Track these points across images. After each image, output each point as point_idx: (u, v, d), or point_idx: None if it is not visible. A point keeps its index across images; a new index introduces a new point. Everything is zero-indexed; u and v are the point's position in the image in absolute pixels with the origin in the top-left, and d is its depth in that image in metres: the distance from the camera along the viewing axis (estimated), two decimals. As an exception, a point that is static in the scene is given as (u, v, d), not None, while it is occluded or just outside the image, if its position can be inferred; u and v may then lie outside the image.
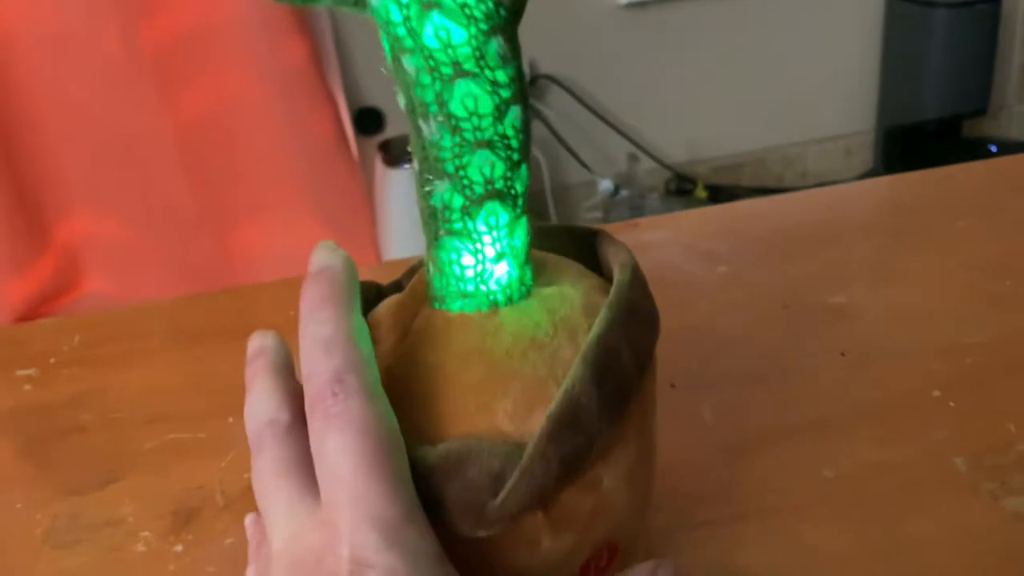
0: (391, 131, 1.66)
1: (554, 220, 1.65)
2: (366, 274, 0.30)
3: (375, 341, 0.26)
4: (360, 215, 1.63)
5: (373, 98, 1.67)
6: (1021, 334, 0.39)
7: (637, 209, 1.67)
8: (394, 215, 1.57)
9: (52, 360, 0.46)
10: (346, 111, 1.64)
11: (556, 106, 1.70)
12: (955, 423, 0.35)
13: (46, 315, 1.64)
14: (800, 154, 1.87)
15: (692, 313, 0.44)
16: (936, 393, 0.36)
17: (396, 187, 1.55)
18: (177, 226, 1.63)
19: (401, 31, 0.22)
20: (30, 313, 1.62)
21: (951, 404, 0.36)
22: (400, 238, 1.57)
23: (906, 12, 1.67)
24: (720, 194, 1.82)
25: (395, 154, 1.57)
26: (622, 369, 0.24)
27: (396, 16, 0.22)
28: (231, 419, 0.40)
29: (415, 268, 0.30)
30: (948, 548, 0.29)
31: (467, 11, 0.22)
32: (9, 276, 1.59)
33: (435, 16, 0.22)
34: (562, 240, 0.30)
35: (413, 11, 0.22)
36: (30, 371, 0.46)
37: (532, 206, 0.26)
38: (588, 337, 0.24)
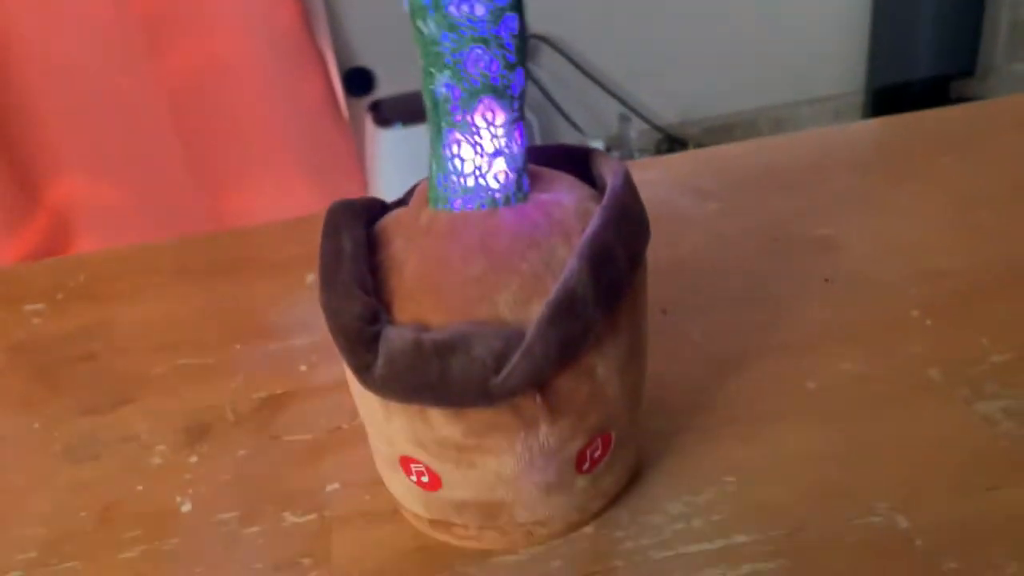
0: (381, 91, 1.66)
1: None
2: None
3: (383, 244, 0.27)
4: (351, 175, 1.63)
5: (363, 58, 1.66)
6: (996, 259, 0.41)
7: (628, 169, 1.67)
8: (385, 175, 1.58)
9: (59, 296, 0.48)
10: (336, 71, 1.63)
11: (547, 67, 1.70)
12: (932, 339, 0.36)
13: (39, 277, 1.64)
14: (790, 115, 1.88)
15: (683, 246, 0.46)
16: (915, 313, 0.38)
17: (387, 147, 1.55)
18: (168, 187, 1.63)
19: None
20: (23, 275, 1.62)
21: (928, 323, 0.37)
22: (391, 197, 1.58)
23: (896, -29, 1.67)
24: (710, 155, 1.83)
25: (386, 114, 1.57)
26: (615, 264, 0.25)
27: None
28: (238, 346, 0.42)
29: (415, 187, 0.32)
30: (922, 447, 0.31)
31: None
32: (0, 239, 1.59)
33: None
34: (558, 158, 0.32)
35: None
36: (38, 306, 0.47)
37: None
38: (584, 235, 0.25)
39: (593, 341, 0.25)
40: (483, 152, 0.26)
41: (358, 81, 1.66)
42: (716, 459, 0.32)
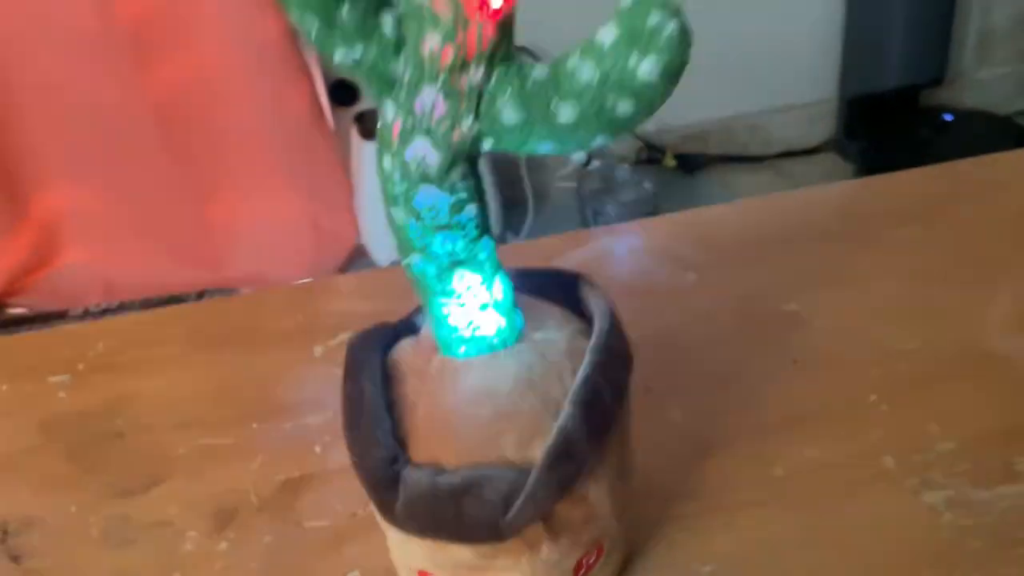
0: (367, 103, 1.68)
1: (528, 190, 1.69)
2: (349, 283, 0.35)
3: (397, 380, 0.31)
4: (337, 185, 1.66)
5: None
6: (949, 342, 0.45)
7: (608, 179, 1.71)
8: (371, 184, 1.60)
9: (81, 366, 0.51)
10: (322, 83, 1.65)
11: (528, 78, 1.73)
12: (887, 425, 0.40)
13: (26, 287, 1.66)
14: (765, 122, 1.92)
15: (665, 320, 0.50)
16: (872, 397, 0.42)
17: (372, 157, 1.57)
18: (155, 198, 1.64)
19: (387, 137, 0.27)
20: (10, 286, 1.64)
21: (884, 408, 0.42)
22: (377, 207, 1.59)
23: (868, -16, 1.72)
24: (688, 162, 1.87)
25: (371, 125, 1.59)
26: (604, 405, 0.29)
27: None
28: (255, 425, 0.45)
29: (421, 310, 0.35)
30: (878, 536, 0.35)
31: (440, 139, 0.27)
32: (-13, 249, 1.60)
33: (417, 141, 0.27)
34: (547, 281, 0.35)
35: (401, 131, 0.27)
36: (62, 377, 0.50)
37: (507, 176, 0.31)
38: (575, 379, 0.29)
39: (586, 472, 0.29)
40: (471, 310, 0.29)
41: (344, 93, 1.68)
42: (698, 548, 0.36)
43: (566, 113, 0.26)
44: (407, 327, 0.35)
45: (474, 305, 0.29)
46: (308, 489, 0.41)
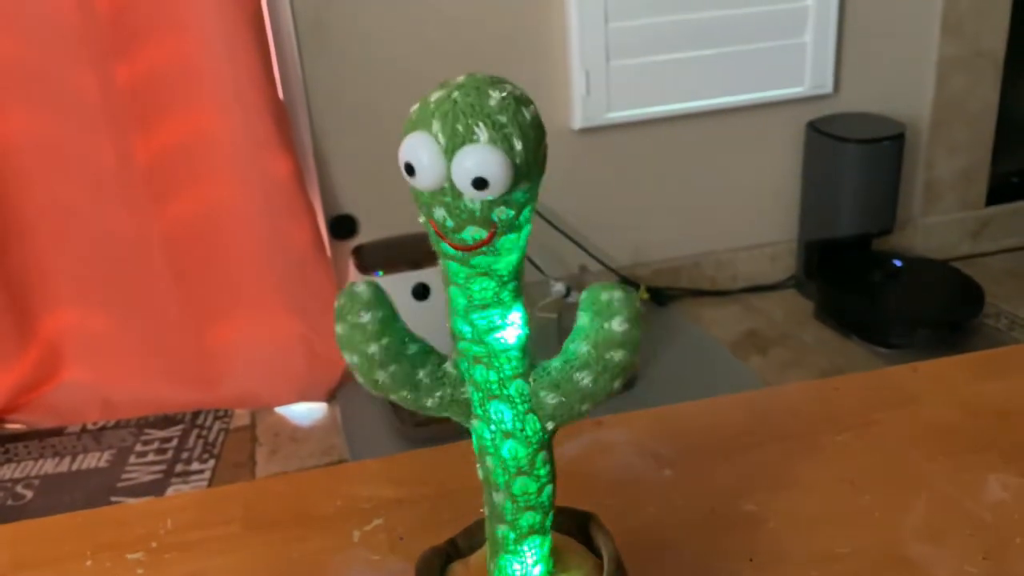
0: (364, 236, 1.81)
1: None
2: (379, 468, 0.45)
3: None
4: (332, 312, 1.76)
5: (348, 206, 1.81)
6: (876, 545, 0.56)
7: (586, 314, 1.83)
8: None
9: (154, 544, 0.60)
10: (322, 217, 1.78)
11: (515, 219, 1.87)
12: (823, 623, 0.51)
13: (26, 404, 1.72)
14: (731, 259, 2.08)
15: (642, 515, 0.60)
16: (813, 597, 0.53)
17: (367, 289, 1.68)
18: (158, 321, 1.73)
19: (488, 444, 0.38)
20: (11, 403, 1.70)
21: (822, 607, 0.52)
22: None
23: (822, 144, 1.90)
24: (660, 295, 2.01)
25: (367, 260, 1.70)
26: None
27: (487, 436, 0.38)
28: (309, 605, 0.54)
29: (471, 532, 0.45)
30: None
31: (527, 439, 0.38)
32: (-6, 367, 1.67)
33: (510, 441, 0.38)
34: (565, 516, 0.46)
35: (498, 436, 0.38)
36: (138, 555, 0.59)
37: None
38: None
39: None
40: (528, 567, 0.40)
41: (342, 227, 1.81)
42: None
43: (585, 379, 0.37)
44: (455, 548, 0.45)
45: (531, 561, 0.40)
46: (358, 669, 0.50)
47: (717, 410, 0.72)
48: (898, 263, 1.97)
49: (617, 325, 0.36)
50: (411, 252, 1.63)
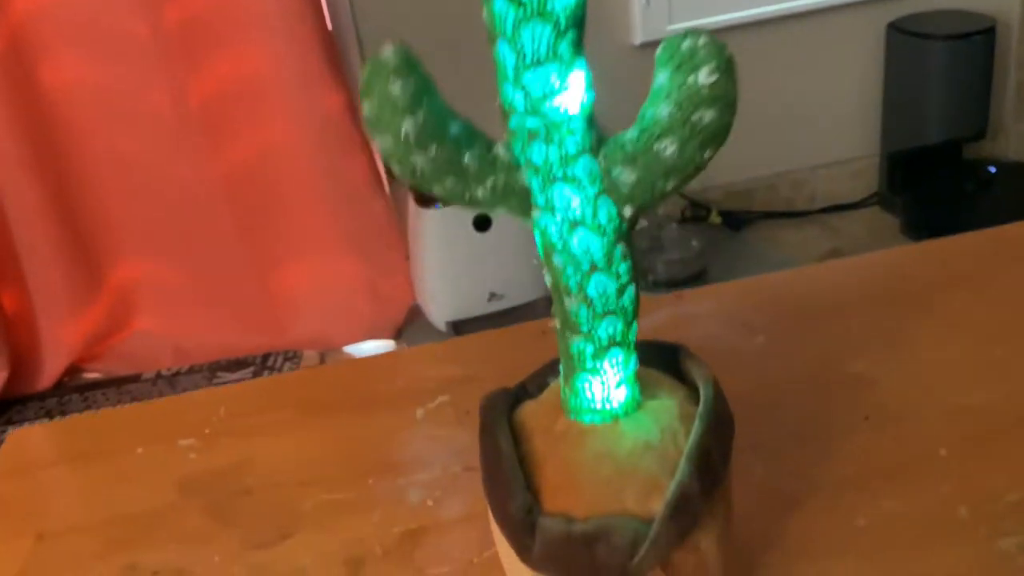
0: (422, 171, 1.75)
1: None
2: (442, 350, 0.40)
3: (524, 438, 0.36)
4: (395, 253, 1.73)
5: (404, 140, 1.76)
6: (1012, 397, 0.49)
7: (656, 239, 1.76)
8: (427, 251, 1.67)
9: (207, 431, 0.56)
10: (379, 155, 1.73)
11: (577, 143, 1.79)
12: (957, 478, 0.44)
13: (101, 353, 1.74)
14: (808, 178, 1.96)
15: (738, 381, 0.53)
16: (942, 452, 0.46)
17: (428, 225, 1.64)
18: (222, 267, 1.72)
19: (555, 238, 0.32)
20: (87, 352, 1.72)
21: (954, 462, 0.45)
22: (432, 273, 1.67)
23: (905, 45, 1.76)
24: (734, 219, 1.91)
25: (426, 195, 1.65)
26: (714, 464, 0.33)
27: (552, 229, 0.32)
28: (371, 481, 0.50)
29: (541, 374, 0.40)
30: (954, 580, 0.39)
31: (601, 228, 0.32)
32: (66, 318, 1.69)
33: (580, 230, 0.32)
34: (650, 351, 0.40)
35: (565, 227, 0.32)
36: (191, 440, 0.55)
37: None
38: (688, 441, 0.33)
39: (699, 523, 0.33)
40: (609, 387, 0.34)
41: (399, 162, 1.75)
42: (787, 593, 0.39)
43: (669, 148, 0.30)
44: (523, 391, 0.40)
45: (614, 382, 0.34)
46: (426, 539, 0.45)
47: (811, 278, 0.65)
48: (992, 170, 1.83)
49: (704, 77, 0.30)
50: (471, 180, 1.58)
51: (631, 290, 0.33)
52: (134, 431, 0.57)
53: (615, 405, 0.35)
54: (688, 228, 1.85)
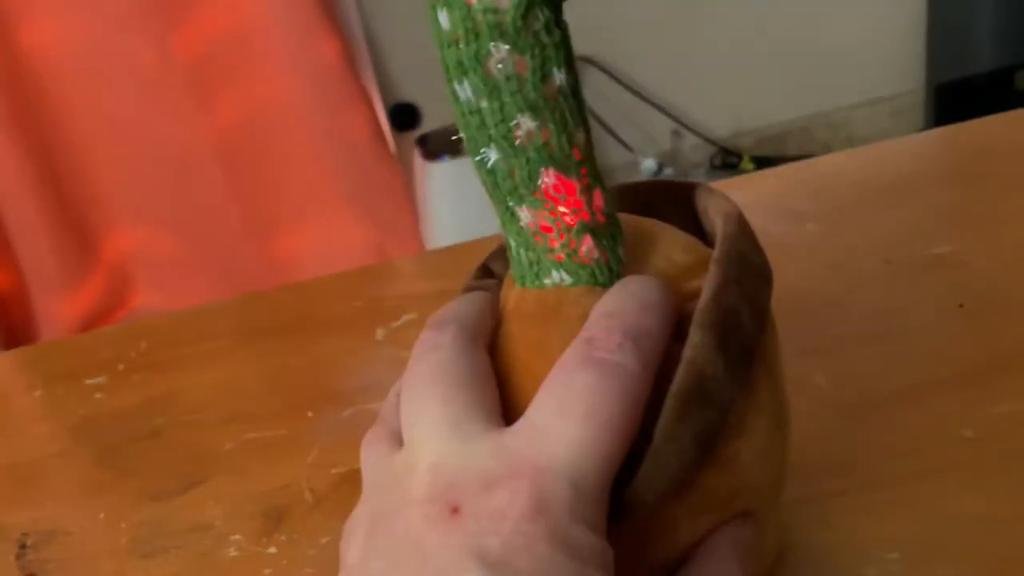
0: (428, 125, 1.64)
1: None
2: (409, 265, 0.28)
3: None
4: (402, 210, 1.61)
5: (408, 94, 1.65)
6: None
7: (683, 186, 1.63)
8: (436, 207, 1.56)
9: (120, 367, 0.45)
10: (381, 108, 1.62)
11: (595, 88, 1.67)
12: (1100, 371, 0.32)
13: (100, 331, 1.65)
14: (846, 119, 1.82)
15: (788, 276, 0.41)
16: (1072, 340, 0.33)
17: (436, 180, 1.53)
18: (221, 234, 1.63)
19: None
20: (84, 330, 1.64)
21: (1092, 351, 0.33)
22: (443, 230, 1.56)
23: (950, -38, 1.61)
24: (766, 165, 1.77)
25: (433, 148, 1.55)
26: (743, 330, 0.21)
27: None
28: (310, 414, 0.38)
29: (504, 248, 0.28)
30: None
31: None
32: (60, 294, 1.61)
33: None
34: (657, 197, 0.28)
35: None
36: (99, 379, 0.44)
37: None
38: (702, 298, 0.21)
39: (734, 423, 0.21)
40: (564, 227, 0.22)
41: (404, 116, 1.65)
42: (870, 532, 0.27)
43: None
44: (483, 271, 0.28)
45: (572, 220, 0.22)
46: (372, 482, 0.34)
47: (870, 159, 0.52)
48: (1051, 98, 1.67)
49: None
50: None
51: (560, 76, 0.21)
52: (36, 371, 0.47)
53: (586, 261, 0.22)
54: (717, 175, 1.72)
